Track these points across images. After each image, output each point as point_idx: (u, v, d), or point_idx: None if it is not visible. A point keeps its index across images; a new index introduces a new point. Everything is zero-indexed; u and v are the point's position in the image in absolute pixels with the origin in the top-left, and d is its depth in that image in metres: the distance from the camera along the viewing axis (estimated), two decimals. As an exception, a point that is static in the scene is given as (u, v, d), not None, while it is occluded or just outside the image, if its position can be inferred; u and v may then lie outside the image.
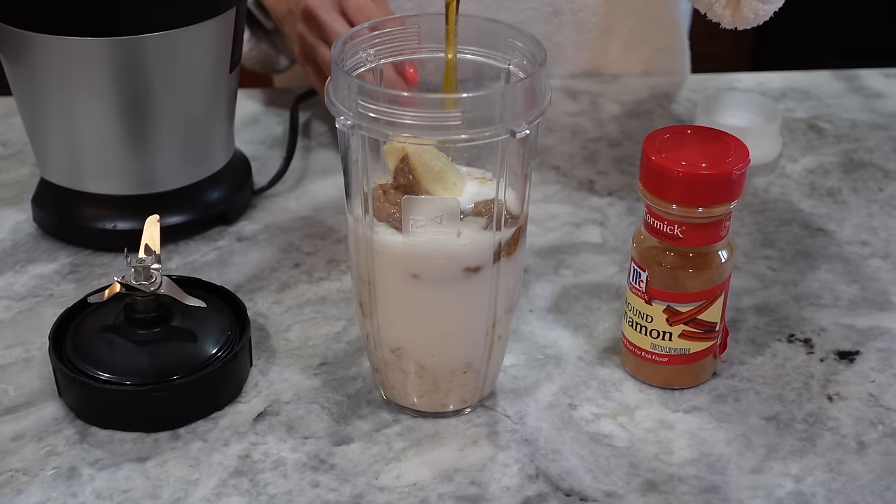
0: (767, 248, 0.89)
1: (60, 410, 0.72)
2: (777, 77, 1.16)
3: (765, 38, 2.51)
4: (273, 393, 0.74)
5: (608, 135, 1.04)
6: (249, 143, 1.02)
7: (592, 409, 0.73)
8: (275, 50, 1.11)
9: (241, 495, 0.66)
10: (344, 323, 0.80)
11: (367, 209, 0.65)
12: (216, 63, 0.85)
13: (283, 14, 1.04)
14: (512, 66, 0.68)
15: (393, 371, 0.71)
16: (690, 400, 0.74)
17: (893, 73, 1.17)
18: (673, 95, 1.12)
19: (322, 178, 0.97)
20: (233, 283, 0.83)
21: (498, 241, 0.66)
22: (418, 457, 0.69)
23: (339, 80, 0.64)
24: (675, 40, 1.20)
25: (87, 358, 0.71)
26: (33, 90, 0.83)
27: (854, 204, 0.95)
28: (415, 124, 0.61)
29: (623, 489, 0.67)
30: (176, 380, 0.70)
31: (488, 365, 0.71)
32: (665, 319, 0.72)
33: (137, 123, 0.84)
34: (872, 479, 0.68)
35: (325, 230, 0.90)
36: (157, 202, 0.85)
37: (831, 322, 0.81)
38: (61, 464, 0.68)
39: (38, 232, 0.89)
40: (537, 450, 0.69)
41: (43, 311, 0.81)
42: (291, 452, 0.69)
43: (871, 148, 1.03)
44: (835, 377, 0.76)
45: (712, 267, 0.71)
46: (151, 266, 0.72)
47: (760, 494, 0.67)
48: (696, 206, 0.68)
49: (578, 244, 0.89)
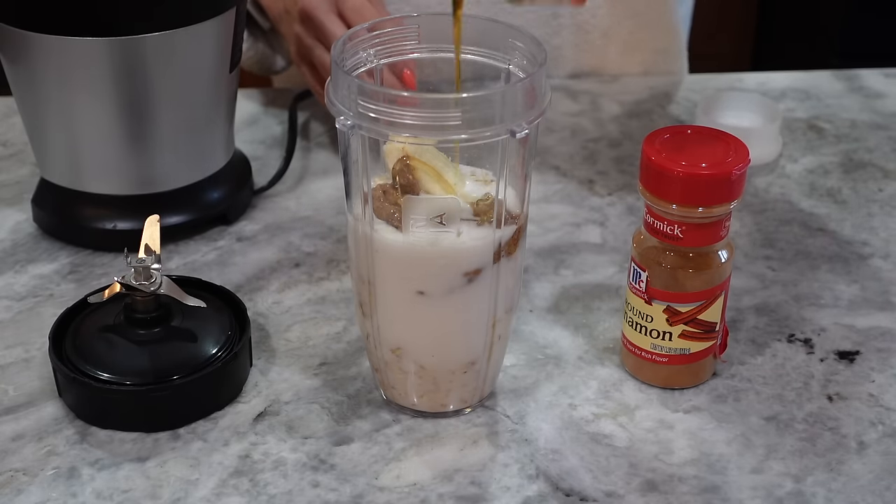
0: (767, 248, 0.89)
1: (60, 410, 0.72)
2: (777, 77, 1.16)
3: (765, 38, 2.51)
4: (273, 393, 0.74)
5: (608, 135, 1.04)
6: (249, 143, 1.02)
7: (592, 409, 0.73)
8: (271, 50, 1.11)
9: (241, 495, 0.66)
10: (344, 323, 0.80)
11: (366, 209, 0.65)
12: (216, 63, 0.85)
13: (279, 14, 1.04)
14: (512, 66, 0.68)
15: (393, 371, 0.71)
16: (690, 400, 0.74)
17: (893, 73, 1.17)
18: (673, 95, 1.12)
19: (322, 178, 0.97)
20: (233, 283, 0.83)
21: (498, 241, 0.66)
22: (418, 457, 0.69)
23: (339, 81, 0.64)
24: (673, 42, 1.20)
25: (87, 358, 0.71)
26: (33, 90, 0.83)
27: (854, 204, 0.95)
28: (415, 124, 0.61)
29: (623, 489, 0.67)
30: (176, 380, 0.70)
31: (488, 365, 0.71)
32: (665, 319, 0.72)
33: (137, 123, 0.84)
34: (872, 479, 0.68)
35: (325, 230, 0.90)
36: (157, 202, 0.85)
37: (831, 322, 0.81)
38: (61, 464, 0.68)
39: (38, 232, 0.89)
40: (537, 450, 0.69)
41: (43, 311, 0.81)
42: (291, 452, 0.69)
43: (871, 148, 1.03)
44: (835, 377, 0.76)
45: (712, 267, 0.71)
46: (151, 266, 0.72)
47: (760, 494, 0.67)
48: (696, 206, 0.68)
49: (578, 244, 0.89)
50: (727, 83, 1.15)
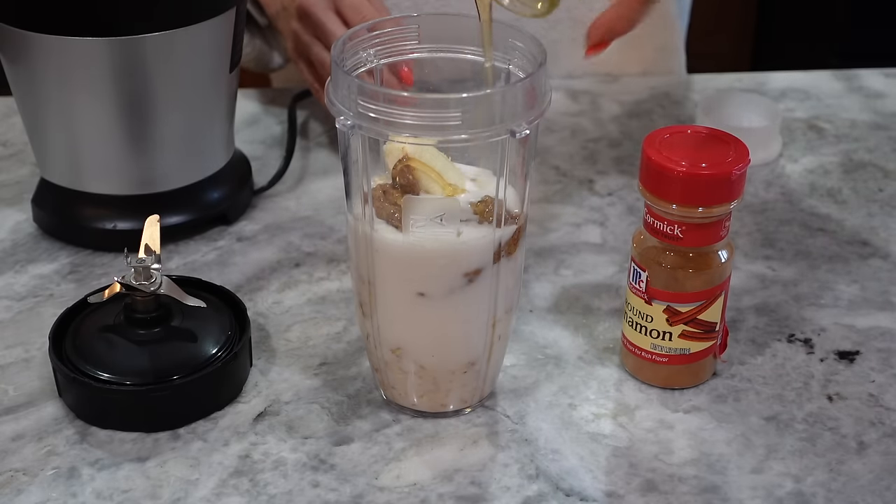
0: (767, 248, 0.89)
1: (60, 410, 0.72)
2: (777, 77, 1.16)
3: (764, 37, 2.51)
4: (273, 393, 0.74)
5: (608, 135, 1.04)
6: (249, 143, 1.02)
7: (592, 409, 0.73)
8: (269, 47, 1.11)
9: (241, 495, 0.66)
10: (344, 323, 0.80)
11: (366, 209, 0.65)
12: (216, 63, 0.85)
13: (276, 11, 1.04)
14: (512, 66, 0.68)
15: (393, 371, 0.71)
16: (690, 400, 0.74)
17: (893, 73, 1.17)
18: (673, 95, 1.12)
19: (322, 178, 0.97)
20: (233, 283, 0.83)
21: (498, 241, 0.66)
22: (418, 457, 0.69)
23: (338, 80, 0.64)
24: (671, 39, 1.20)
25: (87, 358, 0.71)
26: (33, 90, 0.83)
27: (854, 204, 0.95)
28: (415, 124, 0.61)
29: (623, 489, 0.67)
30: (176, 380, 0.70)
31: (488, 365, 0.71)
32: (665, 319, 0.72)
33: (137, 123, 0.84)
34: (872, 479, 0.68)
35: (325, 230, 0.90)
36: (157, 202, 0.85)
37: (831, 322, 0.81)
38: (61, 464, 0.68)
39: (38, 232, 0.89)
40: (537, 450, 0.69)
41: (43, 311, 0.81)
42: (291, 452, 0.69)
43: (871, 148, 1.03)
44: (835, 377, 0.76)
45: (712, 267, 0.71)
46: (151, 266, 0.72)
47: (760, 494, 0.67)
48: (696, 206, 0.68)
49: (578, 244, 0.89)
50: (727, 83, 1.15)
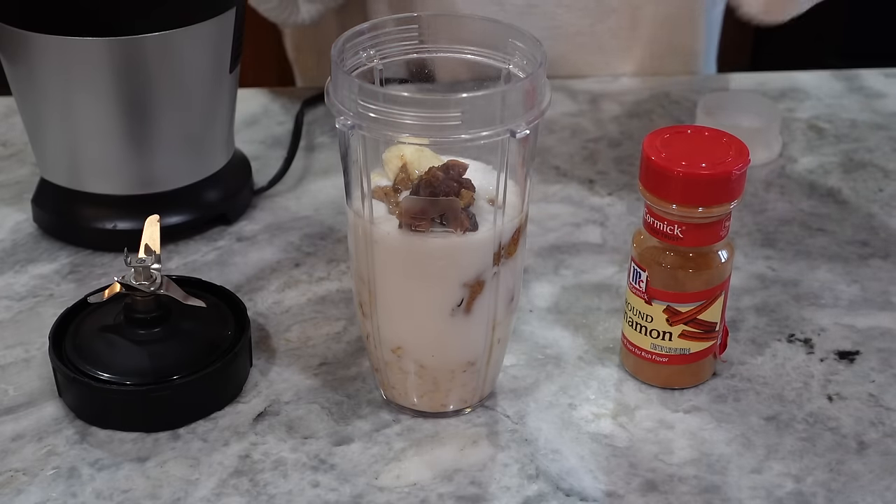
0: (767, 248, 0.89)
1: (60, 410, 0.72)
2: (777, 77, 1.16)
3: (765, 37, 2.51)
4: (273, 393, 0.74)
5: (608, 135, 1.04)
6: (249, 143, 1.02)
7: (592, 409, 0.73)
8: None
9: (241, 495, 0.66)
10: (344, 323, 0.80)
11: (367, 209, 0.65)
12: (216, 63, 0.85)
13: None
14: (512, 66, 0.68)
15: (393, 371, 0.71)
16: (690, 400, 0.74)
17: (893, 73, 1.17)
18: (673, 95, 1.12)
19: (322, 178, 0.97)
20: (233, 283, 0.83)
21: (498, 242, 0.66)
22: (418, 457, 0.69)
23: (339, 80, 0.64)
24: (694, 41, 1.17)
25: (87, 358, 0.71)
26: (33, 90, 0.83)
27: (854, 204, 0.95)
28: (415, 124, 0.61)
29: (623, 489, 0.67)
30: (176, 380, 0.70)
31: (488, 365, 0.71)
32: (665, 319, 0.72)
33: (137, 123, 0.84)
34: (872, 479, 0.68)
35: (325, 230, 0.90)
36: (157, 202, 0.85)
37: (831, 322, 0.81)
38: (61, 464, 0.68)
39: (38, 232, 0.89)
40: (537, 450, 0.69)
41: (43, 311, 0.81)
42: (291, 452, 0.69)
43: (871, 148, 1.03)
44: (835, 377, 0.76)
45: (712, 267, 0.71)
46: (151, 266, 0.72)
47: (760, 494, 0.67)
48: (696, 206, 0.68)
49: (578, 244, 0.89)
50: (727, 83, 1.15)
